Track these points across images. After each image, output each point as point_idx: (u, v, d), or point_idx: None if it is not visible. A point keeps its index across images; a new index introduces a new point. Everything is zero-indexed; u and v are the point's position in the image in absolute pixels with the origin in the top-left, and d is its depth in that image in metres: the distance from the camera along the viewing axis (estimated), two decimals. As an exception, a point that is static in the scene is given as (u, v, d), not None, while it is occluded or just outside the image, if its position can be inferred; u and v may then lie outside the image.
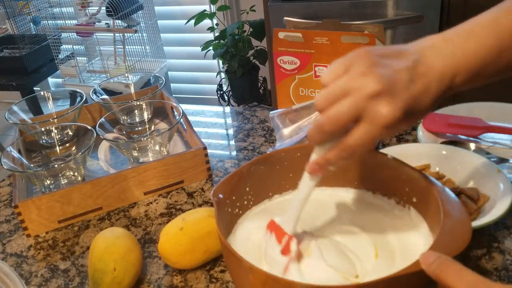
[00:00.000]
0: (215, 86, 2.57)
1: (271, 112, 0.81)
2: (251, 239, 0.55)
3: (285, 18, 1.70)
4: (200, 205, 0.76)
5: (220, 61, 2.57)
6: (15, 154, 0.81)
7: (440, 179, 0.68)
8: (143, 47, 2.30)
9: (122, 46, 2.25)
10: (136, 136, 0.93)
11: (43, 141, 0.89)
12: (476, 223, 0.56)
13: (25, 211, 0.72)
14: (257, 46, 2.33)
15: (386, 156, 0.56)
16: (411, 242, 0.52)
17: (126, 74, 1.07)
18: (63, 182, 0.80)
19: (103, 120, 0.85)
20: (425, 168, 0.71)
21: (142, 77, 1.13)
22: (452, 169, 0.69)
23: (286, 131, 0.80)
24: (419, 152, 0.73)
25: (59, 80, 2.53)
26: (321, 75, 0.50)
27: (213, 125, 1.01)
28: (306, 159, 0.62)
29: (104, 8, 2.14)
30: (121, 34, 2.23)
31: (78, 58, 2.38)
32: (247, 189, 0.58)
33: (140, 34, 2.27)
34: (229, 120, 1.04)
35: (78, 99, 0.95)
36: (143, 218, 0.75)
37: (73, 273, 0.66)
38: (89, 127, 0.83)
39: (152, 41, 2.40)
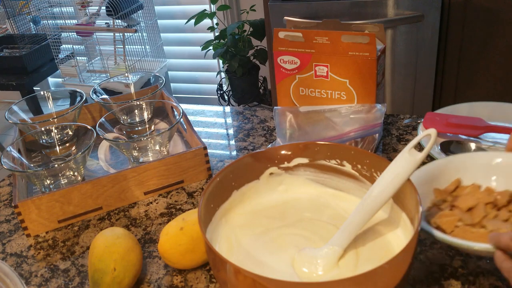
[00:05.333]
0: (215, 86, 2.57)
1: (275, 107, 0.81)
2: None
3: (285, 17, 1.70)
4: (200, 205, 0.76)
5: (220, 61, 2.56)
6: (15, 154, 0.81)
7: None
8: (143, 46, 2.30)
9: (122, 46, 2.25)
10: (136, 136, 0.93)
11: (43, 141, 0.89)
12: None
13: (25, 211, 0.72)
14: (257, 46, 2.33)
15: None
16: (389, 237, 0.54)
17: (126, 74, 1.07)
18: (63, 182, 0.80)
19: (103, 120, 0.85)
20: (458, 185, 0.60)
21: (142, 76, 1.13)
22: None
23: (287, 130, 0.80)
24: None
25: (59, 80, 2.53)
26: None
27: (213, 125, 1.01)
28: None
29: (104, 7, 2.14)
30: (121, 34, 2.23)
31: (78, 57, 2.37)
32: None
33: (140, 34, 2.26)
34: (229, 120, 1.04)
35: (78, 99, 0.95)
36: (143, 218, 0.75)
37: (73, 273, 0.65)
38: (89, 127, 0.83)
39: (152, 41, 2.40)
